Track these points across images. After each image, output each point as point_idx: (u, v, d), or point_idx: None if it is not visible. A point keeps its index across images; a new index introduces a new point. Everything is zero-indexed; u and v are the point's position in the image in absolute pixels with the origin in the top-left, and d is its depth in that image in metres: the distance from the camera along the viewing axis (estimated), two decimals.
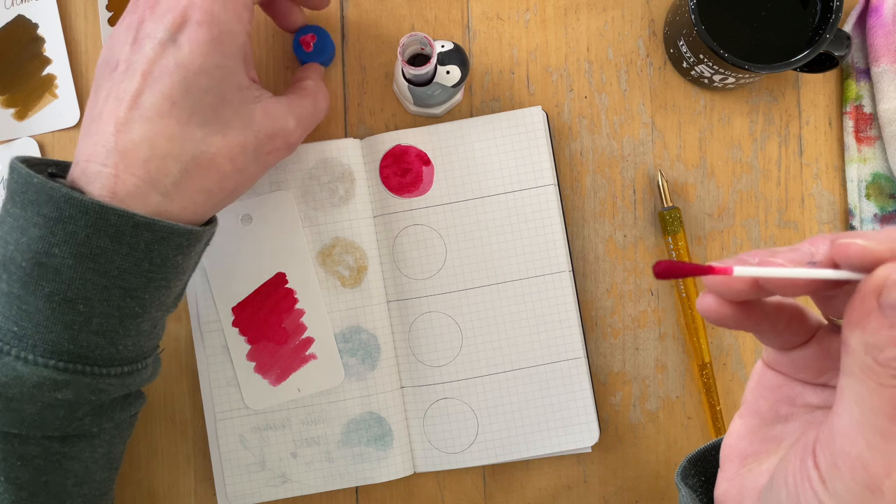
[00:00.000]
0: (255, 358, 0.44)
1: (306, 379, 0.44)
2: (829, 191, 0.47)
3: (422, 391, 0.45)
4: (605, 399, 0.46)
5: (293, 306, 0.44)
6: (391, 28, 0.47)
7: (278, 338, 0.44)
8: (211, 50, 0.34)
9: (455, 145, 0.45)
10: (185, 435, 0.46)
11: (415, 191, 0.45)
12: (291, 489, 0.44)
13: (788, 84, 0.47)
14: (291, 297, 0.44)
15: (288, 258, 0.44)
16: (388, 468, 0.44)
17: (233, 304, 0.44)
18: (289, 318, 0.44)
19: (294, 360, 0.44)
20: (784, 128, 0.47)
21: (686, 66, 0.45)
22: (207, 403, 0.45)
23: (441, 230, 0.45)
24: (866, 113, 0.46)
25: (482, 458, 0.45)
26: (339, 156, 0.45)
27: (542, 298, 0.45)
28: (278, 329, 0.44)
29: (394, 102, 0.47)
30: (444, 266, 0.45)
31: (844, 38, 0.42)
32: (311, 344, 0.44)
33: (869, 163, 0.46)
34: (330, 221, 0.45)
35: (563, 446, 0.44)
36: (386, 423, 0.44)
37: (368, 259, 0.45)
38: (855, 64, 0.46)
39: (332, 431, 0.44)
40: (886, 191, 0.46)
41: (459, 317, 0.45)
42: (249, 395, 0.44)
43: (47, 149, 0.47)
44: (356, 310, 0.45)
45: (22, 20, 0.47)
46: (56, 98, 0.47)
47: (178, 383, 0.46)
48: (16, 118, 0.47)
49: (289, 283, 0.44)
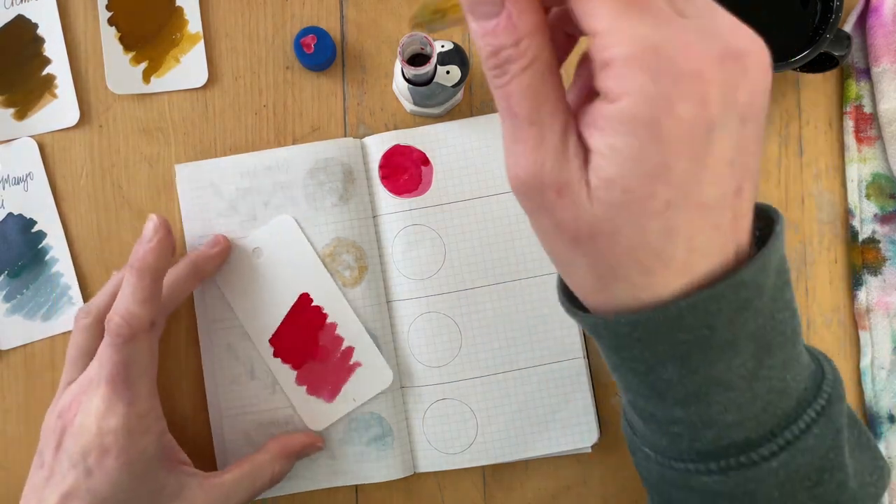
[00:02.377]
0: (305, 381, 0.44)
1: (358, 387, 0.44)
2: (830, 191, 0.47)
3: (421, 391, 0.45)
4: (604, 399, 0.46)
5: (324, 322, 0.44)
6: (391, 28, 0.47)
7: (320, 356, 0.45)
8: (120, 477, 0.36)
9: (455, 145, 0.45)
10: (184, 435, 0.46)
11: (414, 191, 0.45)
12: (294, 485, 0.45)
13: (788, 84, 0.47)
14: (320, 313, 0.44)
15: (306, 278, 0.44)
16: (388, 468, 0.44)
17: (268, 336, 0.44)
18: (323, 333, 0.44)
19: (341, 373, 0.44)
20: (784, 128, 0.47)
21: None
22: (213, 401, 0.45)
23: (440, 230, 0.45)
24: (866, 113, 0.46)
25: (482, 459, 0.45)
26: (338, 156, 0.45)
27: (542, 298, 0.45)
28: (317, 347, 0.44)
29: (394, 102, 0.47)
30: (443, 266, 0.45)
31: (845, 38, 0.42)
32: (353, 353, 0.44)
33: (869, 163, 0.46)
34: (330, 221, 0.45)
35: (563, 447, 0.44)
36: (386, 423, 0.44)
37: (368, 259, 0.45)
38: (855, 64, 0.46)
39: (333, 430, 0.45)
40: (886, 191, 0.46)
41: (459, 317, 0.45)
42: (309, 418, 0.44)
43: (46, 149, 0.47)
44: (357, 310, 0.45)
45: (22, 20, 0.47)
46: (55, 98, 0.47)
47: (178, 383, 0.46)
48: (15, 118, 0.47)
49: (314, 302, 0.44)
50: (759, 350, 0.26)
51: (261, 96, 0.47)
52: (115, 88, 0.46)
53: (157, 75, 0.47)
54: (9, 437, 0.46)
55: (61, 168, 0.47)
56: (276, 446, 0.42)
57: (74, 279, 0.46)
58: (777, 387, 0.26)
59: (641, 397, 0.28)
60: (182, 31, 0.47)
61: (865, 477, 0.29)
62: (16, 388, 0.46)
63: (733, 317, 0.25)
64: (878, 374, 0.45)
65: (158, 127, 0.47)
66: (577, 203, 0.24)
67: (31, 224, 0.46)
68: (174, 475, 0.39)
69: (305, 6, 0.47)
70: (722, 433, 0.27)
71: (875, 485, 0.29)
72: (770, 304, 0.26)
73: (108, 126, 0.47)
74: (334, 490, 0.46)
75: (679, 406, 0.27)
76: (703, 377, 0.26)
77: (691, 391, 0.26)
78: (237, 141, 0.47)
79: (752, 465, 0.26)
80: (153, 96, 0.47)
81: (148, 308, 0.37)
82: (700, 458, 0.27)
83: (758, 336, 0.25)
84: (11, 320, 0.46)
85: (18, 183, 0.46)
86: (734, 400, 0.26)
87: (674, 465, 0.28)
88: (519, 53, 0.24)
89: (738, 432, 0.26)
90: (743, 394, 0.26)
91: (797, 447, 0.26)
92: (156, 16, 0.47)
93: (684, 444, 0.28)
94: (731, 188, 0.24)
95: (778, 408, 0.26)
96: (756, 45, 0.23)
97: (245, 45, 0.47)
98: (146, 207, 0.47)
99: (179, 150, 0.47)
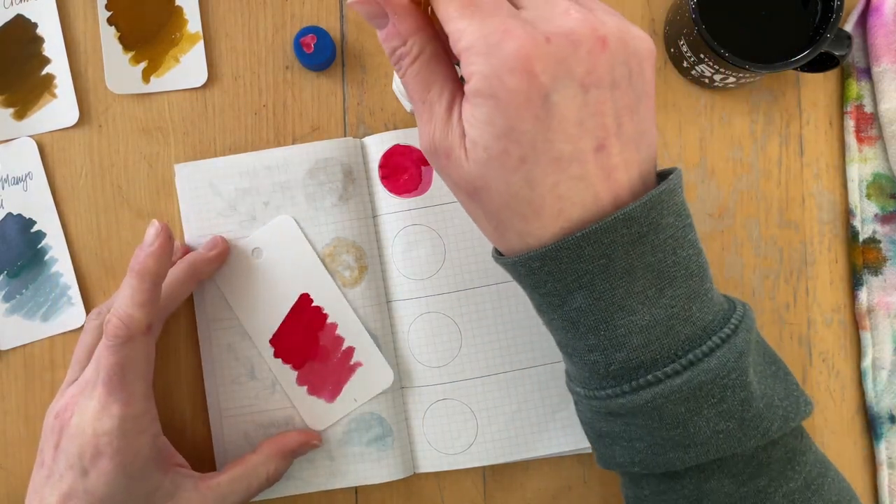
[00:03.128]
0: (306, 381, 0.44)
1: (359, 387, 0.44)
2: (830, 191, 0.47)
3: (421, 391, 0.45)
4: None
5: (325, 322, 0.44)
6: None
7: (321, 356, 0.44)
8: (116, 478, 0.37)
9: None
10: (184, 435, 0.46)
11: (414, 191, 0.45)
12: (293, 486, 0.44)
13: (789, 84, 0.47)
14: (320, 313, 0.44)
15: (306, 279, 0.44)
16: (388, 469, 0.44)
17: (268, 337, 0.44)
18: (323, 333, 0.44)
19: (342, 373, 0.44)
20: (785, 127, 0.47)
21: (686, 65, 0.45)
22: (213, 401, 0.45)
23: (440, 230, 0.45)
24: (867, 112, 0.46)
25: (482, 459, 0.44)
26: (338, 156, 0.45)
27: None
28: (317, 347, 0.44)
29: (394, 102, 0.47)
30: (443, 266, 0.45)
31: (845, 37, 0.42)
32: (354, 353, 0.44)
33: (870, 162, 0.46)
34: (330, 221, 0.45)
35: (564, 446, 0.44)
36: (386, 424, 0.44)
37: (368, 259, 0.45)
38: (856, 63, 0.46)
39: (333, 431, 0.44)
40: (887, 190, 0.46)
41: (459, 317, 0.45)
42: (310, 418, 0.44)
43: (46, 148, 0.47)
44: (356, 310, 0.45)
45: (21, 20, 0.47)
46: (55, 98, 0.47)
47: (178, 384, 0.46)
48: (14, 118, 0.47)
49: (315, 302, 0.44)
50: (660, 280, 0.30)
51: (260, 96, 0.47)
52: (115, 88, 0.46)
53: (157, 75, 0.47)
54: (8, 437, 0.46)
55: (61, 168, 0.47)
56: (270, 446, 0.42)
57: (74, 279, 0.46)
58: (680, 314, 0.30)
59: (561, 331, 0.32)
60: (182, 31, 0.47)
61: (776, 401, 0.32)
62: (15, 388, 0.46)
63: (629, 248, 0.29)
64: (878, 375, 0.45)
65: (158, 127, 0.47)
66: (460, 164, 0.30)
67: (31, 224, 0.46)
68: (169, 476, 0.39)
69: (305, 6, 0.47)
70: (631, 355, 0.30)
71: (786, 409, 0.32)
72: (670, 241, 0.30)
73: (108, 126, 0.47)
74: (334, 490, 0.46)
75: (591, 333, 0.31)
76: (607, 303, 0.30)
77: (599, 317, 0.30)
78: (237, 141, 0.47)
79: (658, 383, 0.30)
80: (153, 96, 0.47)
81: (146, 311, 0.38)
82: (616, 382, 0.31)
83: (658, 268, 0.30)
84: (11, 320, 0.46)
85: (18, 183, 0.46)
86: (636, 322, 0.30)
87: (596, 394, 0.32)
88: (406, 51, 0.31)
89: (645, 353, 0.30)
90: (643, 317, 0.30)
91: (699, 367, 0.30)
92: (155, 15, 0.47)
93: (601, 370, 0.32)
94: (589, 146, 0.29)
95: (681, 333, 0.30)
96: (585, 25, 0.28)
97: (245, 44, 0.47)
98: (145, 207, 0.46)
99: (179, 149, 0.47)
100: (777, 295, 0.46)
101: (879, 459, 0.45)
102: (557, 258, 0.30)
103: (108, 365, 0.37)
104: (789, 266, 0.47)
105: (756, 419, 0.31)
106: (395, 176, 0.45)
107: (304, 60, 0.46)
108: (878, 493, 0.45)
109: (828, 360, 0.46)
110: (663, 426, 0.31)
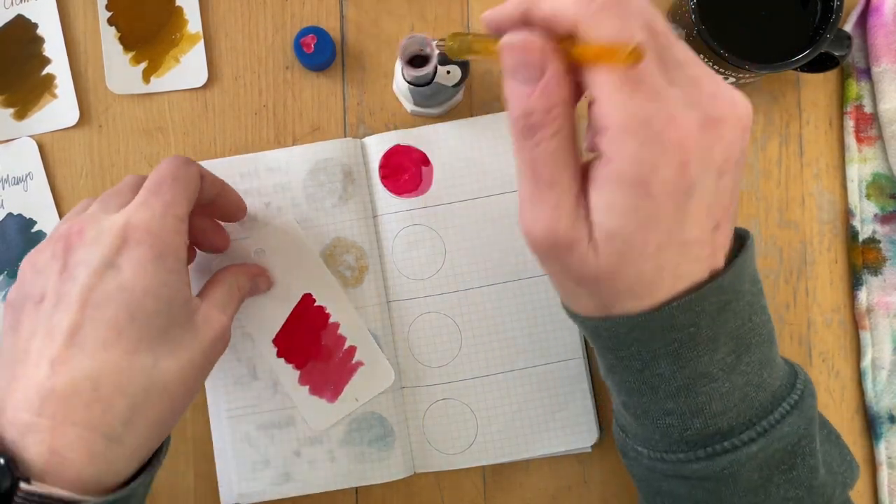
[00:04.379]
0: (308, 381, 0.44)
1: (360, 387, 0.44)
2: (830, 191, 0.47)
3: (421, 391, 0.45)
4: (605, 399, 0.46)
5: (327, 321, 0.45)
6: (391, 28, 0.47)
7: (323, 355, 0.45)
8: (156, 268, 0.32)
9: (455, 145, 0.45)
10: (184, 435, 0.46)
11: (414, 191, 0.45)
12: (294, 488, 0.44)
13: (789, 84, 0.47)
14: (323, 313, 0.45)
15: (309, 279, 0.44)
16: (388, 468, 0.44)
17: (271, 337, 0.45)
18: (326, 333, 0.44)
19: (344, 372, 0.44)
20: (784, 127, 0.47)
21: None
22: (214, 402, 0.45)
23: (440, 230, 0.45)
24: (867, 113, 0.46)
25: (482, 459, 0.44)
26: (338, 156, 0.45)
27: (542, 298, 0.45)
28: (319, 347, 0.45)
29: (394, 102, 0.47)
30: (443, 266, 0.45)
31: (845, 37, 0.42)
32: (355, 352, 0.44)
33: (869, 163, 0.46)
34: (330, 222, 0.45)
35: (563, 446, 0.44)
36: (387, 424, 0.44)
37: (368, 259, 0.45)
38: (855, 64, 0.46)
39: (334, 431, 0.44)
40: (887, 191, 0.46)
41: (459, 317, 0.45)
42: (311, 417, 0.44)
43: (46, 148, 0.47)
44: (357, 310, 0.45)
45: (21, 20, 0.47)
46: (55, 98, 0.47)
47: None
48: (15, 118, 0.47)
49: (317, 302, 0.45)
50: (738, 347, 0.30)
51: (260, 96, 0.47)
52: (115, 88, 0.46)
53: (157, 75, 0.47)
54: None
55: (61, 168, 0.47)
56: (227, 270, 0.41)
57: None
58: (754, 381, 0.30)
59: (636, 394, 0.31)
60: (182, 31, 0.47)
61: (835, 467, 0.32)
62: None
63: (715, 316, 0.29)
64: (878, 375, 0.45)
65: (158, 127, 0.47)
66: (584, 256, 0.28)
67: (31, 224, 0.46)
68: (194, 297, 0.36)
69: (305, 6, 0.47)
70: (708, 421, 0.30)
71: (843, 475, 0.32)
72: (747, 307, 0.30)
73: (108, 126, 0.47)
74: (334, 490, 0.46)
75: (671, 398, 0.30)
76: (691, 370, 0.29)
77: (681, 383, 0.30)
78: (237, 141, 0.47)
79: (735, 450, 0.30)
80: (153, 96, 0.47)
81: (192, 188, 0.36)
82: (689, 448, 0.31)
83: (736, 335, 0.30)
84: None
85: (18, 183, 0.46)
86: (717, 389, 0.30)
87: (665, 457, 0.32)
88: (549, 120, 0.27)
89: (722, 421, 0.30)
90: (723, 384, 0.30)
91: (773, 434, 0.30)
92: (156, 16, 0.47)
93: (675, 435, 0.31)
94: (710, 226, 0.28)
95: (756, 400, 0.30)
96: (733, 110, 0.27)
97: (245, 44, 0.47)
98: None
99: (179, 150, 0.47)
100: (777, 295, 0.47)
101: (879, 459, 0.45)
102: (649, 327, 0.29)
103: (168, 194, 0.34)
104: (789, 266, 0.47)
105: (821, 486, 0.31)
106: (395, 176, 0.45)
107: (304, 60, 0.46)
108: (878, 493, 0.45)
109: (827, 360, 0.46)
110: (736, 493, 0.31)
